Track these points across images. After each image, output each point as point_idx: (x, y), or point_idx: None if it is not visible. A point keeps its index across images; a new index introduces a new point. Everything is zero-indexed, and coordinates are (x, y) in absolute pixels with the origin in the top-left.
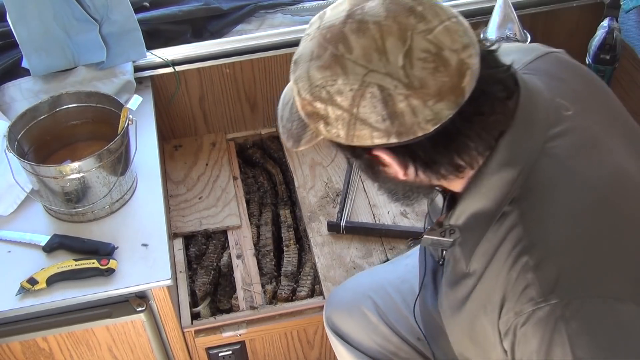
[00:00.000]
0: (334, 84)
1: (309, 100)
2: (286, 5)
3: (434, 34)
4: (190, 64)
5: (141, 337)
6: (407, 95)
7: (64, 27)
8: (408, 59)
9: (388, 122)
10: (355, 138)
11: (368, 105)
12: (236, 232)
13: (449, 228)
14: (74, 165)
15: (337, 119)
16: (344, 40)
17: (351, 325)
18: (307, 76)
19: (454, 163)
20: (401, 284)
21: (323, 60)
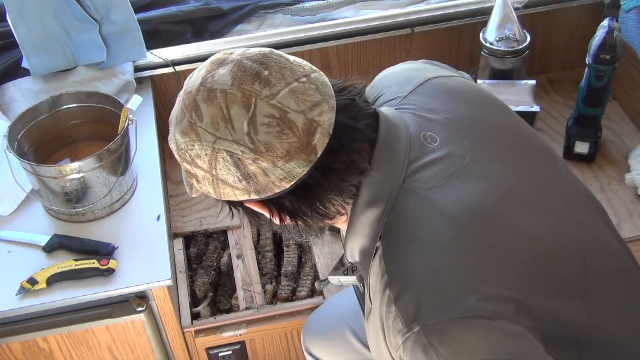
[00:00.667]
0: (192, 149)
1: (179, 161)
2: (286, 5)
3: (278, 98)
4: (190, 64)
5: (141, 337)
6: (255, 159)
7: (64, 27)
8: (252, 125)
9: (244, 182)
10: (222, 195)
11: (223, 168)
12: (236, 232)
13: (351, 266)
14: (74, 165)
15: (203, 178)
16: (196, 108)
17: (333, 353)
18: (174, 139)
19: (320, 212)
20: None
21: (182, 125)
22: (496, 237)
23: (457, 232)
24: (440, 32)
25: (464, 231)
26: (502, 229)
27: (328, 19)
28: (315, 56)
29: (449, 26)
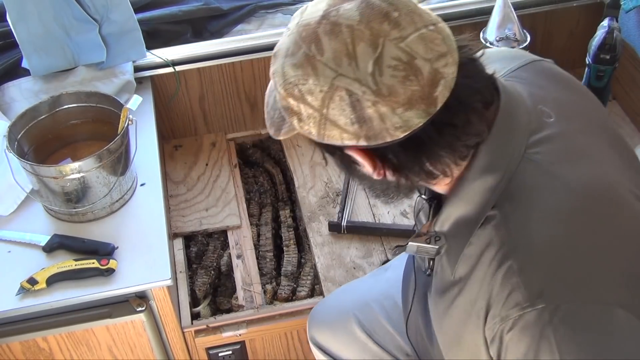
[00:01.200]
0: (305, 84)
1: (283, 95)
2: (286, 5)
3: (407, 42)
4: (190, 64)
5: (141, 337)
6: (375, 102)
7: (63, 27)
8: (378, 66)
9: (357, 125)
10: (326, 137)
11: (337, 108)
12: (236, 232)
13: (435, 235)
14: (74, 165)
15: (309, 117)
16: (316, 41)
17: (338, 344)
18: (282, 72)
19: (425, 170)
20: (384, 300)
21: (296, 58)
22: (620, 220)
23: (585, 210)
24: None
25: (592, 210)
26: (624, 212)
27: None
28: None
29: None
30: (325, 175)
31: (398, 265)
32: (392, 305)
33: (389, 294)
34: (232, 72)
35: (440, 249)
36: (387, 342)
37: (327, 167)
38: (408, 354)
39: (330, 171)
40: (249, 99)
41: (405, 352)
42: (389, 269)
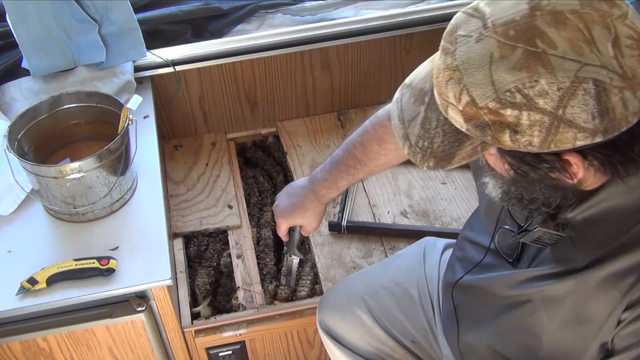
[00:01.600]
0: (535, 86)
1: (491, 109)
2: (286, 5)
3: (629, 18)
4: (190, 64)
5: (141, 337)
6: (622, 88)
7: (63, 27)
8: (617, 48)
9: (598, 120)
10: (553, 143)
11: (578, 105)
12: (236, 232)
13: (563, 222)
14: (74, 165)
15: (532, 125)
16: (540, 34)
17: (345, 328)
18: (489, 81)
19: (631, 157)
20: (395, 287)
21: (513, 60)
22: None
23: None
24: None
25: None
26: None
27: (328, 19)
28: (315, 56)
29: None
30: None
31: (409, 255)
32: (402, 292)
33: (399, 281)
34: (232, 72)
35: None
36: (395, 327)
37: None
38: (414, 341)
39: None
40: (249, 99)
41: (411, 338)
42: (400, 258)
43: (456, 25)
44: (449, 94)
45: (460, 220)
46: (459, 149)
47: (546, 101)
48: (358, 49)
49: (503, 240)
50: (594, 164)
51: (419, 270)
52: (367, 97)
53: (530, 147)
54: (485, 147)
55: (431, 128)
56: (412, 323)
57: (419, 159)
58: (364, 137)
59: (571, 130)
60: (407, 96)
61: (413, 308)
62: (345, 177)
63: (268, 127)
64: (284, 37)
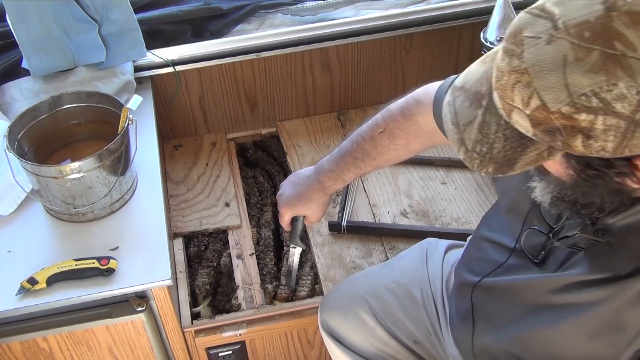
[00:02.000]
0: (613, 90)
1: (564, 113)
2: (286, 5)
3: None
4: (190, 64)
5: (141, 337)
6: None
7: (63, 27)
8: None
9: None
10: (627, 148)
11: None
12: (236, 232)
13: (603, 227)
14: (74, 165)
15: (607, 129)
16: (618, 36)
17: (348, 328)
18: (562, 85)
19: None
20: (397, 288)
21: (590, 63)
22: None
23: None
24: (440, 32)
25: None
26: None
27: (328, 19)
28: (315, 56)
29: (448, 26)
30: None
31: (410, 256)
32: (405, 293)
33: (401, 283)
34: (232, 72)
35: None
36: (397, 328)
37: None
38: (416, 341)
39: None
40: (249, 99)
41: (414, 339)
42: (401, 259)
43: (521, 26)
44: (514, 98)
45: (460, 220)
46: (523, 154)
47: (624, 105)
48: (358, 49)
49: (529, 240)
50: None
51: (421, 271)
52: (367, 97)
53: (603, 153)
54: (552, 152)
55: (490, 132)
56: (414, 324)
57: (477, 164)
58: (374, 130)
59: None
60: (460, 99)
61: (416, 309)
62: (353, 169)
63: (268, 127)
64: (284, 37)
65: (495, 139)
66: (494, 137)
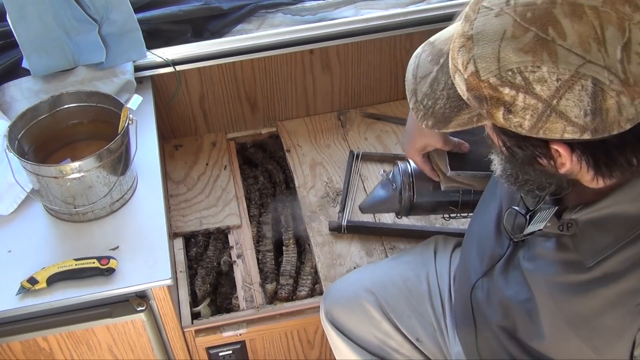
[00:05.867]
0: (536, 71)
1: (491, 84)
2: (286, 5)
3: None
4: (190, 64)
5: (141, 337)
6: (619, 92)
7: (63, 27)
8: (626, 53)
9: (589, 117)
10: (542, 130)
11: (573, 99)
12: (236, 232)
13: (568, 222)
14: (74, 164)
15: (525, 108)
16: (554, 23)
17: (352, 320)
18: (495, 57)
19: (629, 162)
20: (404, 282)
21: (523, 42)
22: None
23: None
24: None
25: None
26: None
27: (328, 18)
28: (316, 56)
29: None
30: (326, 175)
31: (419, 251)
32: (412, 287)
33: (408, 277)
34: (232, 72)
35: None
36: (402, 322)
37: (327, 167)
38: (419, 339)
39: (330, 171)
40: (249, 99)
41: (417, 336)
42: (409, 254)
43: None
44: (458, 60)
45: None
46: (457, 116)
47: (543, 88)
48: (358, 49)
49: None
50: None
51: (430, 267)
52: (367, 97)
53: (520, 129)
54: (480, 119)
55: (438, 89)
56: (419, 319)
57: (420, 116)
58: None
59: (561, 122)
60: (426, 53)
61: (422, 303)
62: None
63: (268, 127)
64: (284, 37)
65: (440, 96)
66: (439, 94)
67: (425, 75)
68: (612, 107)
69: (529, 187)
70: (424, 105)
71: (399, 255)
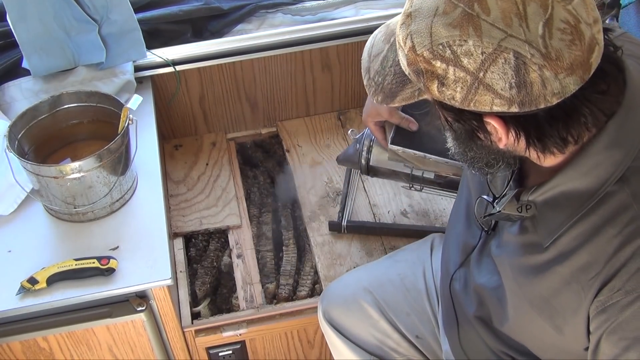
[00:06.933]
0: (463, 45)
1: (425, 58)
2: (286, 5)
3: (573, 4)
4: (190, 64)
5: (141, 337)
6: (542, 66)
7: (63, 27)
8: (548, 29)
9: (514, 90)
10: (473, 103)
11: (497, 72)
12: (236, 232)
13: (526, 204)
14: (74, 164)
15: (456, 80)
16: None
17: (350, 319)
18: (428, 32)
19: (562, 138)
20: (401, 280)
21: (452, 17)
22: None
23: None
24: None
25: None
26: None
27: (328, 18)
28: (315, 56)
29: None
30: (326, 175)
31: (416, 248)
32: (409, 285)
33: (406, 275)
34: (232, 72)
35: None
36: (400, 321)
37: (327, 167)
38: (418, 336)
39: (330, 171)
40: (249, 99)
41: (416, 333)
42: (407, 252)
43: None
44: (400, 37)
45: None
46: (402, 90)
47: (470, 62)
48: (358, 48)
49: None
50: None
51: (427, 265)
52: (367, 97)
53: (453, 102)
54: (420, 93)
55: (387, 66)
56: (418, 316)
57: (372, 92)
58: None
59: (489, 94)
60: (381, 34)
61: (420, 301)
62: None
63: (268, 127)
64: (284, 37)
65: (388, 73)
66: (388, 71)
67: (378, 53)
68: (535, 81)
69: (478, 165)
70: (375, 81)
71: (395, 253)
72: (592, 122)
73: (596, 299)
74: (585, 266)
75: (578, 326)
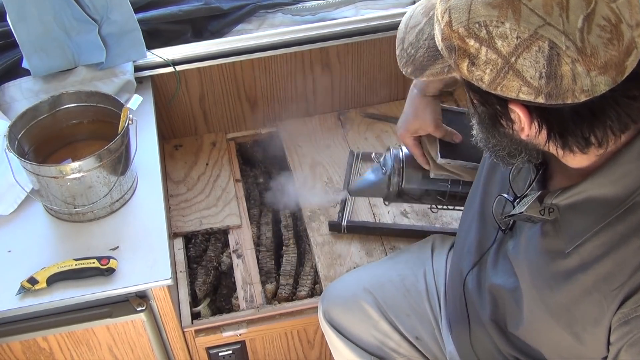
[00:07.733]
0: (499, 27)
1: (460, 34)
2: (286, 5)
3: (617, 3)
4: (190, 64)
5: (141, 337)
6: (575, 60)
7: (63, 27)
8: (587, 23)
9: (544, 80)
10: (500, 87)
11: (530, 59)
12: (236, 232)
13: (549, 206)
14: (74, 164)
15: (487, 62)
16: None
17: (350, 320)
18: (467, 9)
19: (585, 138)
20: (402, 281)
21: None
22: None
23: None
24: None
25: None
26: None
27: (328, 18)
28: (316, 56)
29: None
30: (326, 175)
31: (416, 249)
32: (409, 286)
33: (406, 276)
34: (232, 72)
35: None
36: (400, 322)
37: (327, 167)
38: (418, 337)
39: (330, 171)
40: (249, 99)
41: (416, 335)
42: (407, 252)
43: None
44: (438, 10)
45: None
46: (432, 65)
47: (504, 44)
48: (358, 48)
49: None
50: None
51: (427, 265)
52: (367, 97)
53: (481, 83)
54: (450, 70)
55: (421, 39)
56: (418, 317)
57: (403, 63)
58: None
59: (517, 81)
60: (421, 6)
61: (420, 302)
62: None
63: (268, 127)
64: (284, 37)
65: (422, 46)
66: (422, 44)
67: (415, 25)
68: (566, 74)
69: (501, 154)
70: (407, 53)
71: (396, 254)
72: (617, 127)
73: (619, 311)
74: (609, 276)
75: (598, 336)
